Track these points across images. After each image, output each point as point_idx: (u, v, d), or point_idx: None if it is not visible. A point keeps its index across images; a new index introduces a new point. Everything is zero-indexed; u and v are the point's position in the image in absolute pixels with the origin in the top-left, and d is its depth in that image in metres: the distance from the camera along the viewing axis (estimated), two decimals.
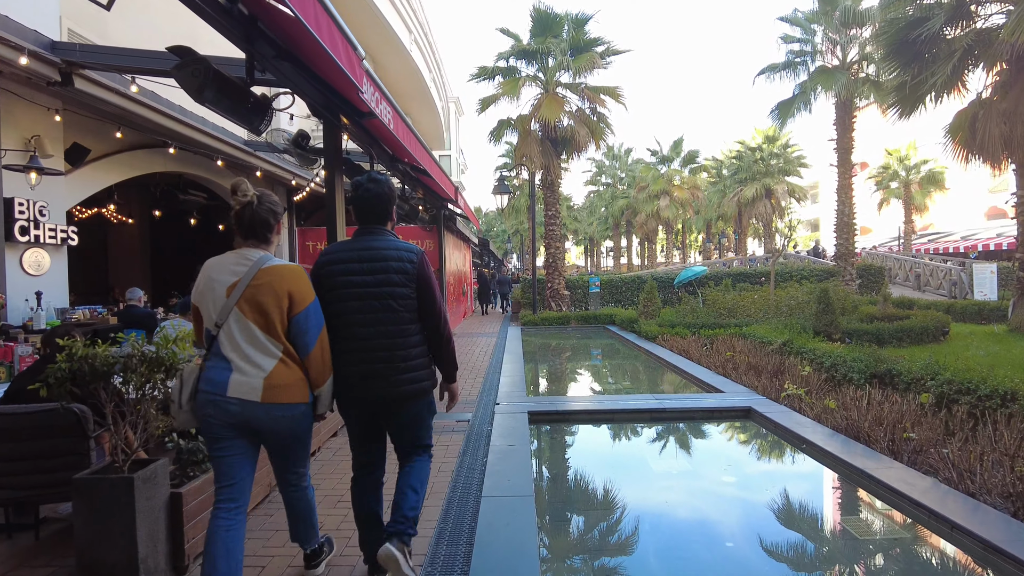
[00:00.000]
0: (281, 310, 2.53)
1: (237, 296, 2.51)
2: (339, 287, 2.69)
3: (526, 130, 17.44)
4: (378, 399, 2.69)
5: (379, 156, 8.19)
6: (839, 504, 4.36)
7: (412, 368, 2.70)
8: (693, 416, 6.22)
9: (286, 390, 2.50)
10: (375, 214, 2.82)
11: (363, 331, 2.66)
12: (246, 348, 2.48)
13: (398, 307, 2.68)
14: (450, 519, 3.66)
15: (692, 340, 10.98)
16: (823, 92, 17.91)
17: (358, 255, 2.71)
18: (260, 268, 2.55)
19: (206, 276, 2.59)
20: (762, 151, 39.90)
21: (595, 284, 18.23)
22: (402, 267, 2.69)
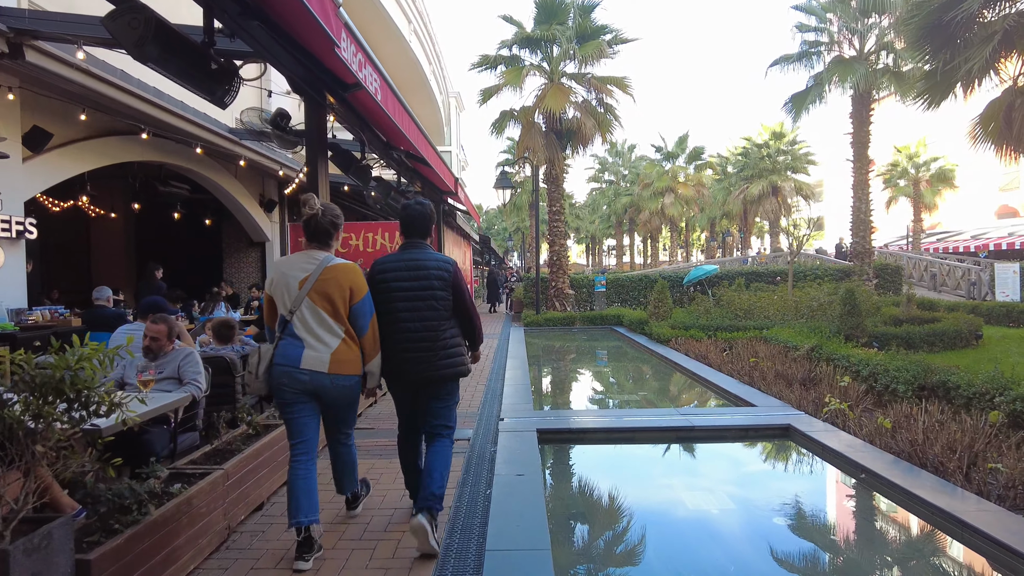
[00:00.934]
0: (344, 300, 3.12)
1: (308, 288, 3.10)
2: (390, 291, 3.28)
3: (529, 122, 16.67)
4: (421, 378, 3.30)
5: (371, 142, 7.44)
6: (922, 555, 3.61)
7: (448, 355, 3.30)
8: (725, 436, 5.47)
9: (347, 364, 3.13)
10: (419, 230, 3.41)
11: (410, 325, 3.25)
12: (317, 330, 3.09)
13: (438, 306, 3.28)
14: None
15: (709, 344, 10.23)
16: (839, 84, 17.15)
17: (405, 265, 3.31)
18: (326, 266, 3.14)
19: (280, 272, 3.19)
20: (769, 148, 39.13)
21: (601, 283, 17.48)
22: (440, 275, 3.28)
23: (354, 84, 4.66)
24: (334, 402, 3.20)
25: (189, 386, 3.93)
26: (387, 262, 3.39)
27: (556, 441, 5.37)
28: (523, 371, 8.57)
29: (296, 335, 3.10)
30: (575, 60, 17.15)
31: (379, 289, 3.30)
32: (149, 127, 8.43)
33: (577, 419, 5.70)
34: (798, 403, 6.26)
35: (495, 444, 5.10)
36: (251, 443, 3.95)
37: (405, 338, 3.26)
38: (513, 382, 7.78)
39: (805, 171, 39.39)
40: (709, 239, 51.30)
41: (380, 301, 3.28)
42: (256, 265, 14.34)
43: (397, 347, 3.27)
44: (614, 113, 17.05)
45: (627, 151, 47.88)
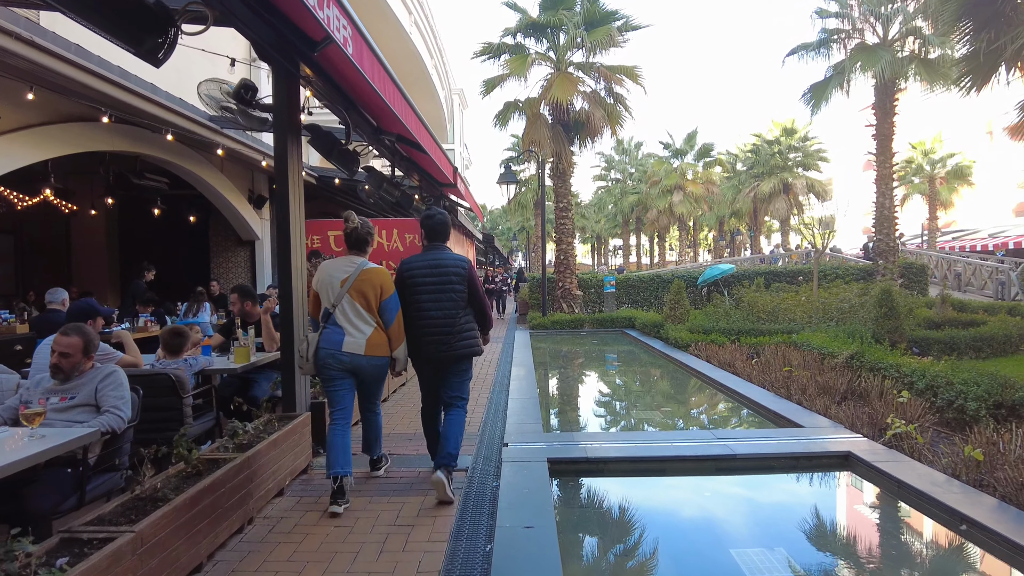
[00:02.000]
0: (376, 297, 3.91)
1: (348, 287, 3.89)
2: (417, 286, 3.98)
3: (535, 114, 15.79)
4: (441, 357, 3.97)
5: (358, 125, 6.58)
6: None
7: (464, 338, 3.98)
8: (773, 466, 4.58)
9: (378, 347, 3.93)
10: (439, 235, 4.12)
11: (433, 314, 3.95)
12: (354, 320, 3.89)
13: (456, 298, 3.97)
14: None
15: (733, 350, 9.33)
16: (861, 72, 16.19)
17: (428, 264, 4.00)
18: (362, 269, 3.93)
19: (326, 273, 3.99)
20: (780, 144, 38.12)
21: (610, 283, 16.57)
22: (458, 272, 3.99)
23: (324, 39, 3.80)
24: (368, 378, 4.01)
25: (106, 416, 3.08)
26: (414, 261, 4.06)
27: (571, 474, 4.49)
28: (530, 382, 7.70)
29: (338, 324, 3.88)
30: (583, 48, 16.27)
31: (407, 284, 4.01)
32: (114, 111, 7.58)
33: (595, 445, 4.81)
34: (850, 423, 5.38)
35: (498, 478, 4.23)
36: (187, 487, 3.10)
37: (429, 324, 3.95)
38: (519, 395, 6.91)
39: (817, 168, 38.35)
40: (718, 238, 50.26)
41: (408, 294, 4.00)
42: (246, 265, 13.51)
43: (422, 332, 3.97)
44: (624, 103, 16.16)
45: (634, 148, 46.91)
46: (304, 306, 4.86)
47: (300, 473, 4.53)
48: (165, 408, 4.02)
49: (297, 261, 4.81)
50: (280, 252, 4.77)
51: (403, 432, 5.72)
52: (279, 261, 4.77)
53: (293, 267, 4.75)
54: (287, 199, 4.73)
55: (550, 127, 15.78)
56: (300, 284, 4.83)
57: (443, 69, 31.55)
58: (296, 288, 4.77)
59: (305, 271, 4.92)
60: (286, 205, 4.73)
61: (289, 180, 4.75)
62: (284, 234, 4.74)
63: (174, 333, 4.45)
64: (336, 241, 14.12)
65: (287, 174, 4.73)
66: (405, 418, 6.20)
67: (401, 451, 5.11)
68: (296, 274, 4.78)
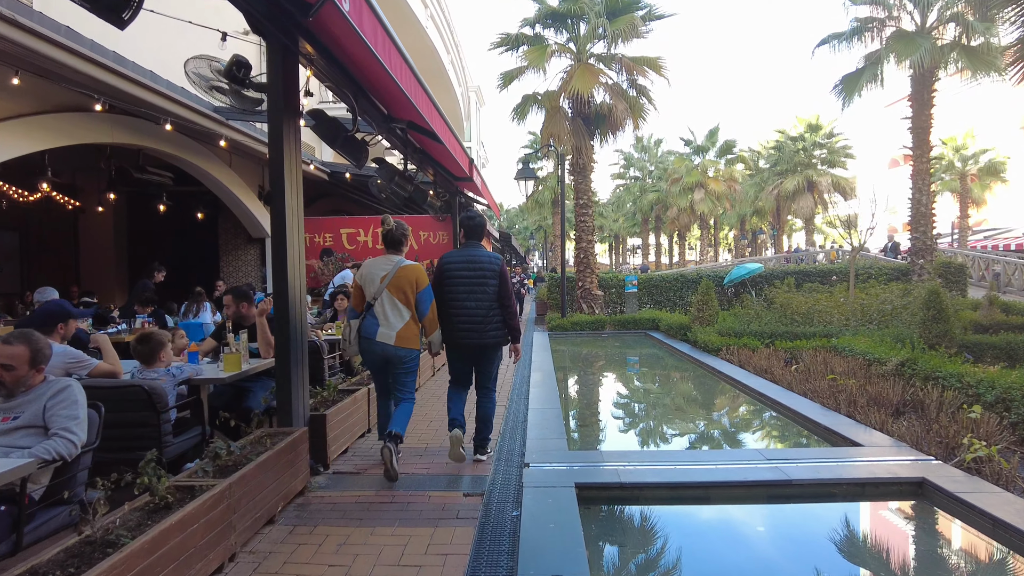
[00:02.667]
0: (412, 291, 4.31)
1: (387, 283, 4.30)
2: (454, 279, 4.44)
3: (554, 107, 15.21)
4: (474, 344, 4.44)
5: (366, 111, 6.06)
6: None
7: (494, 328, 4.44)
8: (834, 493, 3.98)
9: (408, 340, 4.31)
10: (477, 234, 4.65)
11: (467, 305, 4.41)
12: (389, 313, 4.30)
13: (489, 291, 4.41)
14: None
15: (767, 354, 8.70)
16: (897, 62, 15.38)
17: (465, 259, 4.48)
18: (399, 267, 4.34)
19: (368, 270, 4.43)
20: (804, 140, 37.15)
21: (632, 283, 15.93)
22: (492, 268, 4.44)
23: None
24: (396, 368, 4.34)
25: (53, 441, 2.58)
26: (452, 257, 4.52)
27: (602, 500, 3.93)
28: (550, 389, 7.14)
29: (375, 315, 4.29)
30: (604, 39, 15.65)
31: (445, 277, 4.44)
32: (109, 99, 7.15)
33: (627, 467, 4.23)
34: (915, 441, 4.76)
35: (518, 505, 3.69)
36: (150, 525, 2.59)
37: (464, 314, 4.38)
38: (539, 404, 6.36)
39: (843, 165, 37.33)
40: (739, 237, 49.24)
41: (446, 287, 4.44)
42: (256, 263, 13.10)
43: (457, 321, 4.39)
44: (647, 95, 15.51)
45: (654, 146, 46.06)
46: (300, 307, 4.37)
47: (296, 496, 4.03)
48: (140, 425, 3.53)
49: (294, 258, 4.31)
50: (275, 248, 4.26)
51: (414, 446, 5.19)
52: (273, 258, 4.27)
53: (289, 265, 4.24)
54: (282, 190, 4.22)
55: (570, 121, 15.19)
56: (297, 283, 4.32)
57: (460, 65, 31.08)
58: (293, 287, 4.27)
59: (302, 269, 4.41)
60: (281, 197, 4.23)
61: (285, 168, 4.24)
62: (279, 229, 4.23)
63: (140, 339, 3.95)
64: (349, 239, 13.71)
65: (282, 162, 4.22)
66: (415, 431, 5.67)
67: (411, 469, 4.59)
68: (292, 272, 4.27)
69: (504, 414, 6.19)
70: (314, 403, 4.76)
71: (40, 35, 5.56)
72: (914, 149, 16.18)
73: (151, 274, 9.28)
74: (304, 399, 4.39)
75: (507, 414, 6.16)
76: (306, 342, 4.45)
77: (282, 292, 4.22)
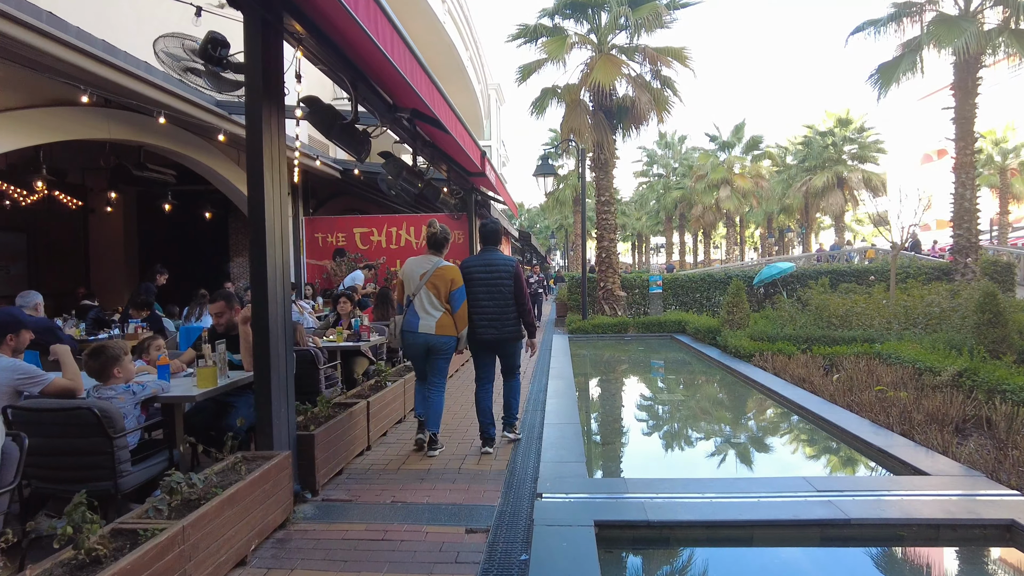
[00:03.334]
0: (447, 288, 4.79)
1: (425, 280, 4.80)
2: (474, 281, 4.91)
3: (574, 100, 14.62)
4: (494, 339, 4.93)
5: (367, 98, 5.58)
6: None
7: (511, 324, 4.94)
8: (902, 535, 3.36)
9: (446, 328, 4.81)
10: (492, 241, 5.11)
11: (486, 304, 4.91)
12: (427, 306, 4.80)
13: (505, 292, 4.90)
14: None
15: (804, 361, 8.04)
16: (938, 48, 14.48)
17: (483, 263, 4.96)
18: (438, 266, 4.83)
19: (409, 268, 4.93)
20: (834, 135, 35.95)
21: (656, 283, 15.26)
22: (507, 271, 4.93)
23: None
24: (435, 354, 4.86)
25: None
26: (472, 261, 5.02)
27: (626, 543, 3.36)
28: (569, 400, 6.59)
29: (415, 310, 4.84)
30: (627, 30, 15.03)
31: (466, 280, 4.89)
32: (100, 91, 6.76)
33: (656, 500, 3.63)
34: (990, 469, 4.11)
35: (528, 547, 3.15)
36: None
37: (483, 313, 4.90)
38: (557, 418, 5.81)
39: (874, 160, 36.02)
40: (767, 235, 48.03)
41: (467, 288, 4.88)
42: None
43: (478, 318, 4.91)
44: (672, 87, 14.84)
45: (677, 143, 45.10)
46: (284, 311, 3.89)
47: (276, 529, 3.53)
48: (91, 452, 3.06)
49: (275, 258, 3.82)
50: (253, 249, 3.78)
51: (414, 469, 4.68)
52: (251, 259, 3.79)
53: (269, 266, 3.75)
54: (260, 182, 3.75)
55: (591, 114, 14.59)
56: (279, 284, 3.84)
57: (479, 62, 30.60)
58: (274, 289, 3.78)
59: (286, 269, 3.92)
60: (260, 190, 3.75)
61: (264, 158, 3.75)
62: (258, 224, 3.75)
63: (91, 353, 3.47)
64: (362, 238, 13.27)
65: (261, 151, 3.74)
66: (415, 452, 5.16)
67: (410, 497, 4.08)
68: (273, 276, 3.78)
69: (518, 427, 5.66)
70: (304, 420, 4.27)
71: (17, 20, 5.16)
72: (957, 141, 15.26)
73: (153, 276, 8.93)
74: (288, 418, 3.90)
75: (520, 430, 5.62)
76: (291, 351, 3.96)
77: (261, 294, 3.74)
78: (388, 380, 5.86)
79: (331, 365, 5.58)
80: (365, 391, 5.42)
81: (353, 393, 5.35)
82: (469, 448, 5.12)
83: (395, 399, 5.81)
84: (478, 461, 4.77)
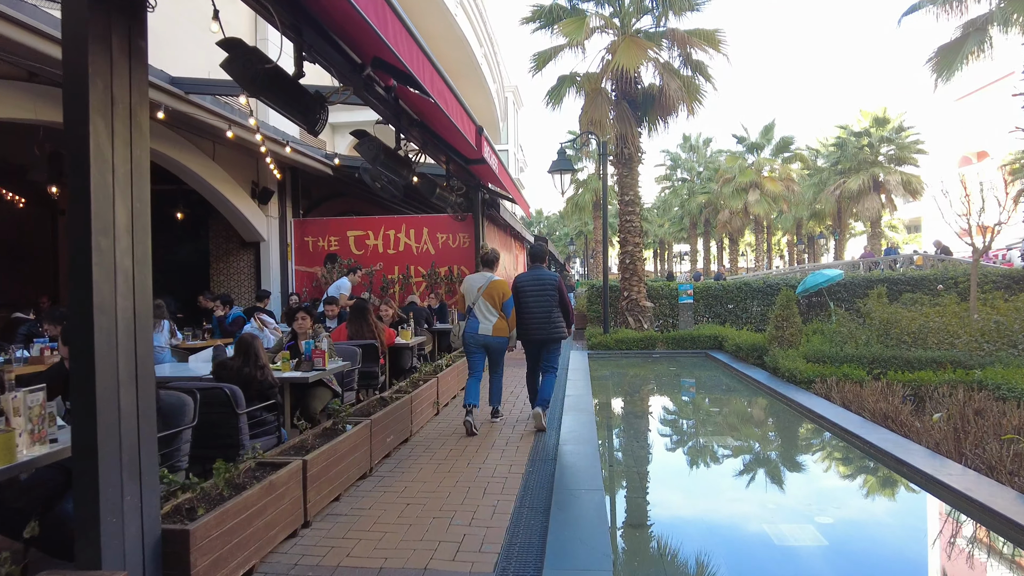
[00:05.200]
0: (500, 298, 5.86)
1: (482, 291, 5.85)
2: (525, 293, 5.89)
3: (595, 89, 13.12)
4: (541, 339, 5.89)
5: (318, 49, 4.16)
6: None
7: (555, 327, 5.86)
8: None
9: (500, 330, 5.86)
10: (539, 259, 6.12)
11: (535, 311, 5.84)
12: (485, 313, 5.85)
13: (550, 300, 5.84)
14: None
15: (879, 390, 6.45)
16: (1012, 24, 12.77)
17: (532, 278, 5.93)
18: (491, 280, 5.90)
19: (469, 283, 6.00)
20: (870, 136, 33.96)
21: (686, 292, 13.65)
22: (552, 283, 5.88)
23: None
24: (493, 351, 5.97)
25: None
26: (524, 277, 6.01)
27: None
28: (589, 449, 5.06)
29: (475, 316, 5.87)
30: (653, 13, 13.56)
31: (518, 291, 5.93)
32: (10, 59, 5.47)
33: None
34: None
35: None
36: None
37: (532, 318, 5.85)
38: (571, 478, 4.29)
39: (914, 162, 33.91)
40: (796, 242, 45.96)
41: (519, 298, 5.92)
42: (250, 271, 11.43)
43: (528, 322, 5.88)
44: (705, 72, 13.28)
45: (702, 145, 43.35)
46: (131, 338, 2.41)
47: None
48: None
49: (107, 252, 2.37)
50: (73, 246, 2.33)
51: (409, 557, 3.19)
52: (71, 261, 2.33)
53: (96, 269, 2.31)
54: (86, 130, 2.31)
55: (614, 104, 13.09)
56: (113, 297, 2.39)
57: (494, 60, 29.32)
58: (103, 302, 2.33)
59: (144, 279, 2.46)
60: (83, 142, 2.31)
61: (91, 89, 2.32)
62: (81, 201, 2.31)
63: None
64: (356, 242, 11.85)
65: (85, 78, 2.30)
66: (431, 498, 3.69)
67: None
68: (103, 286, 2.33)
69: (517, 494, 4.16)
70: (184, 502, 2.82)
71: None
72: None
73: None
74: (143, 507, 2.46)
75: (520, 497, 4.12)
76: (149, 394, 2.52)
77: (86, 318, 2.29)
78: (347, 422, 4.41)
79: (263, 406, 4.13)
80: (309, 441, 3.97)
81: (290, 446, 3.90)
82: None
83: (356, 448, 4.35)
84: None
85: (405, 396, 5.60)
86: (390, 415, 5.06)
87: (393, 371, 7.38)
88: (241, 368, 4.00)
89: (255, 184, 10.86)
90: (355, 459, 4.34)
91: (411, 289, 11.17)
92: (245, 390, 3.84)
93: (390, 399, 5.44)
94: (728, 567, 3.37)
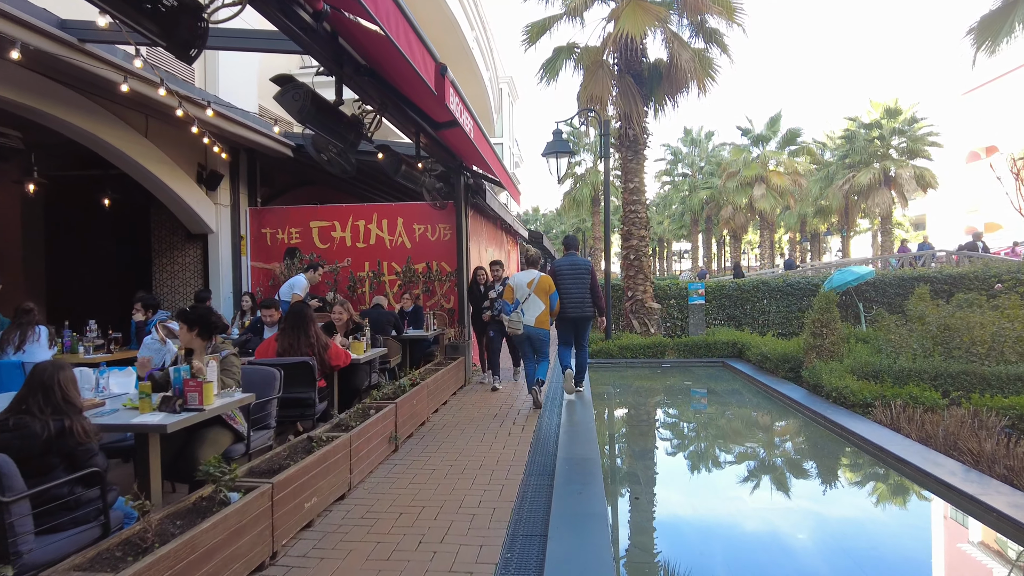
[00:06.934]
0: (548, 292, 6.64)
1: (532, 288, 6.62)
2: (563, 276, 6.89)
3: (596, 62, 11.59)
4: (576, 318, 6.89)
5: None
6: None
7: (588, 306, 6.88)
8: None
9: (543, 322, 6.62)
10: (573, 247, 7.36)
11: (572, 291, 6.83)
12: (531, 307, 6.60)
13: (584, 283, 6.88)
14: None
15: (964, 418, 4.95)
16: None
17: (569, 263, 6.99)
18: (538, 277, 6.69)
19: (517, 280, 6.80)
20: (880, 127, 32.43)
21: (697, 292, 12.13)
22: (586, 268, 6.97)
23: None
24: (536, 340, 6.64)
25: None
26: (562, 262, 7.03)
27: None
28: (594, 512, 3.55)
29: (522, 309, 6.59)
30: None
31: (557, 275, 6.87)
32: None
33: None
34: None
35: None
36: None
37: (569, 298, 6.80)
38: (562, 550, 2.79)
39: (927, 155, 32.40)
40: (800, 239, 44.47)
41: (558, 280, 6.82)
42: (197, 267, 9.86)
43: (566, 301, 6.80)
44: (721, 42, 11.74)
45: (704, 139, 41.78)
46: None
47: None
48: None
49: None
50: None
51: None
52: None
53: None
54: None
55: (617, 79, 11.55)
56: None
57: (487, 46, 27.71)
58: None
59: None
60: None
61: None
62: None
63: None
64: (320, 235, 10.27)
65: None
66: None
67: None
68: None
69: None
70: None
71: None
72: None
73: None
74: None
75: None
76: None
77: None
78: (233, 488, 2.91)
79: (68, 480, 2.58)
80: (149, 537, 2.45)
81: (98, 552, 2.37)
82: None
83: (239, 535, 2.83)
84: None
85: (342, 436, 4.08)
86: (308, 470, 3.53)
87: (348, 393, 5.85)
88: (30, 423, 2.46)
89: (202, 167, 9.30)
90: (238, 549, 2.82)
91: (383, 289, 9.63)
92: (31, 458, 2.32)
93: (319, 441, 3.92)
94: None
